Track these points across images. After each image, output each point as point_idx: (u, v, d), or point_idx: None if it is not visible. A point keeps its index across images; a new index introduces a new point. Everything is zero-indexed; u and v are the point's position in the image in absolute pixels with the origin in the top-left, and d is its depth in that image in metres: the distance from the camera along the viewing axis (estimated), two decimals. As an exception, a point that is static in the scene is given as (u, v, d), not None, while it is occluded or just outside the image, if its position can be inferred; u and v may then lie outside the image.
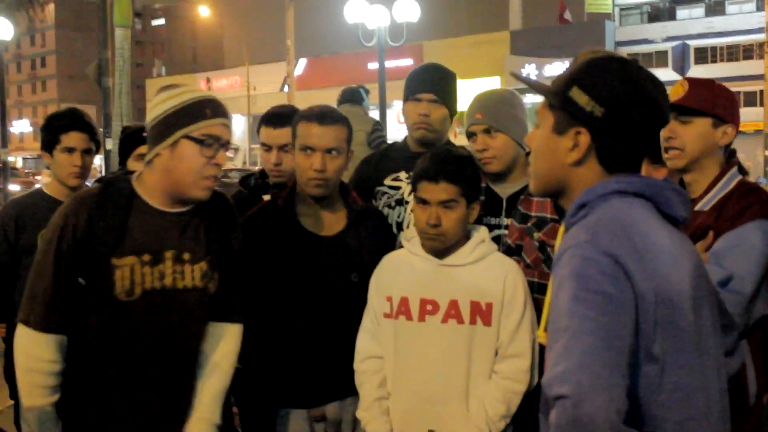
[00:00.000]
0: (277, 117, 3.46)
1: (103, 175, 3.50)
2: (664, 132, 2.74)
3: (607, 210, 1.61)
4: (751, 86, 37.78)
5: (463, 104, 3.37)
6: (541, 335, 1.78)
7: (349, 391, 2.84)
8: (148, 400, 2.39)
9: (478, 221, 2.89)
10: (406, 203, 3.27)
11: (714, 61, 43.48)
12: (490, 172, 3.03)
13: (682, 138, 2.74)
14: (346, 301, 2.85)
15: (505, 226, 3.00)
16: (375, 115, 6.84)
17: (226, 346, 2.59)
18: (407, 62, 41.46)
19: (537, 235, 2.91)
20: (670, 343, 1.53)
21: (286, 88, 26.85)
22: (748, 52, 42.60)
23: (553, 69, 38.25)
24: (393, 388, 2.73)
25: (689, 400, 1.56)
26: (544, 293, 2.80)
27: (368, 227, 2.96)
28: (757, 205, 2.61)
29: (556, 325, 1.51)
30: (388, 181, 3.38)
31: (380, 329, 2.75)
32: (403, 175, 3.33)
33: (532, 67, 41.48)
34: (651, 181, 1.68)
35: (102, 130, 12.23)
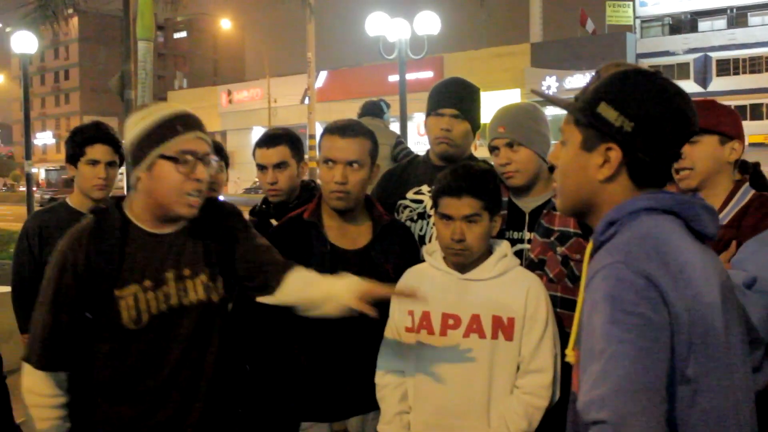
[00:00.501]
0: (269, 137, 3.58)
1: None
2: None
3: (637, 228, 1.59)
4: (774, 98, 37.51)
5: (484, 117, 3.37)
6: (570, 354, 1.76)
7: (371, 406, 2.83)
8: (173, 419, 2.39)
9: (501, 235, 2.88)
10: (429, 217, 3.26)
11: (736, 73, 43.23)
12: (513, 186, 3.02)
13: (692, 158, 2.77)
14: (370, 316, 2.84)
15: (528, 241, 2.98)
16: (395, 127, 6.82)
17: (299, 276, 2.55)
18: (428, 74, 41.60)
19: (560, 250, 2.89)
20: (702, 363, 1.51)
21: (307, 101, 26.95)
22: (770, 64, 42.31)
23: (574, 81, 38.25)
24: (414, 402, 2.72)
25: (721, 420, 1.54)
26: (567, 308, 2.80)
27: (393, 241, 2.96)
28: None
29: (591, 347, 1.49)
30: (410, 195, 3.38)
31: (401, 343, 2.75)
32: (425, 189, 3.33)
33: (553, 80, 41.47)
34: (681, 198, 1.66)
35: (124, 142, 12.34)
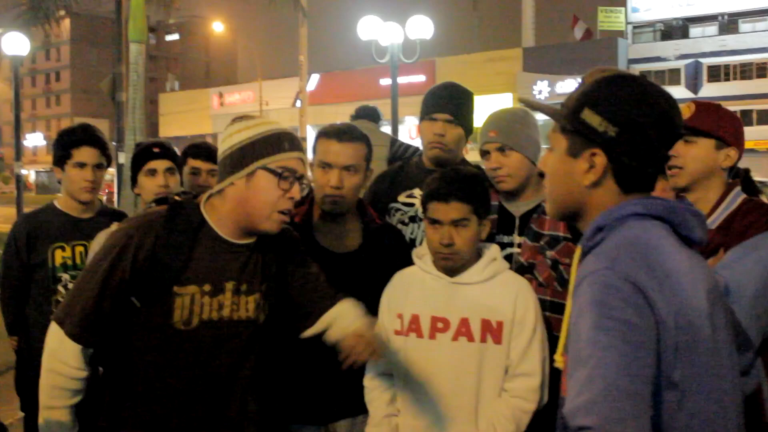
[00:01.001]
0: None
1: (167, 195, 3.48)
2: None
3: (625, 234, 1.60)
4: (764, 104, 37.78)
5: (476, 121, 3.37)
6: (558, 359, 1.76)
7: (360, 409, 2.82)
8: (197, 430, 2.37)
9: (491, 239, 2.89)
10: (420, 220, 3.27)
11: (727, 80, 43.41)
12: (504, 190, 3.02)
13: (684, 157, 2.77)
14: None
15: (518, 245, 2.98)
16: (387, 131, 6.81)
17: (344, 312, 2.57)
18: (420, 78, 41.65)
19: (550, 254, 2.90)
20: (689, 368, 1.51)
21: (299, 104, 26.95)
22: (761, 71, 42.52)
23: (566, 86, 38.36)
24: (402, 405, 2.72)
25: (708, 425, 1.54)
26: (556, 312, 2.81)
27: (384, 245, 2.96)
28: (763, 219, 2.64)
29: (578, 353, 1.49)
30: (402, 198, 3.38)
31: (390, 346, 2.74)
32: (417, 192, 3.33)
33: (545, 84, 41.56)
34: (669, 204, 1.66)
35: (115, 144, 12.32)
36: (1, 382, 2.25)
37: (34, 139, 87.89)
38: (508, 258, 2.91)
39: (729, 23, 46.61)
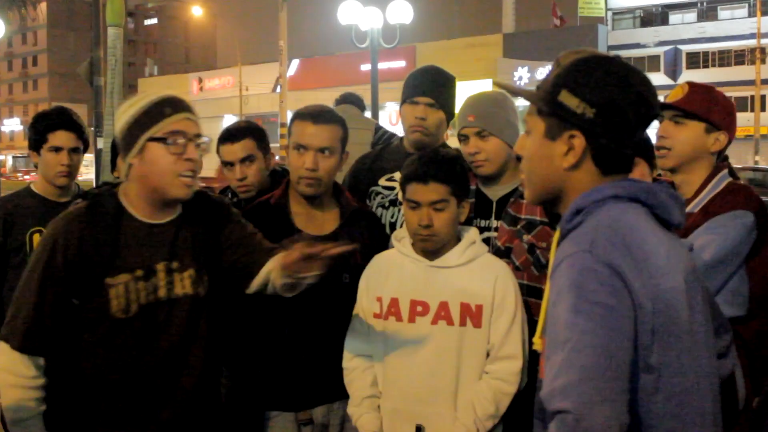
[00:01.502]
0: (233, 132, 3.50)
1: (81, 189, 3.43)
2: (658, 131, 2.76)
3: (603, 217, 1.60)
4: (742, 92, 37.99)
5: (458, 106, 3.37)
6: (537, 342, 1.76)
7: (337, 395, 2.82)
8: (156, 412, 2.37)
9: (468, 223, 2.89)
10: (400, 204, 3.26)
11: (706, 66, 43.68)
12: (482, 174, 3.02)
13: (673, 138, 2.77)
14: (336, 302, 2.84)
15: (495, 229, 2.99)
16: (367, 116, 6.77)
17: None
18: (400, 64, 41.56)
19: (526, 238, 2.90)
20: (666, 352, 1.52)
21: (279, 89, 26.81)
22: (739, 58, 42.83)
23: (546, 72, 38.24)
24: (383, 388, 2.73)
25: (684, 407, 1.55)
26: (533, 295, 2.82)
27: (361, 228, 2.95)
28: (742, 198, 2.66)
29: (555, 336, 1.49)
30: (382, 182, 3.37)
31: (369, 329, 2.75)
32: (397, 176, 3.31)
33: (525, 71, 41.56)
34: (647, 186, 1.67)
35: (93, 129, 12.20)
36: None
37: (11, 125, 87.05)
38: (486, 242, 2.91)
39: (708, 10, 46.89)
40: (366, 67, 29.08)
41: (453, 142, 3.58)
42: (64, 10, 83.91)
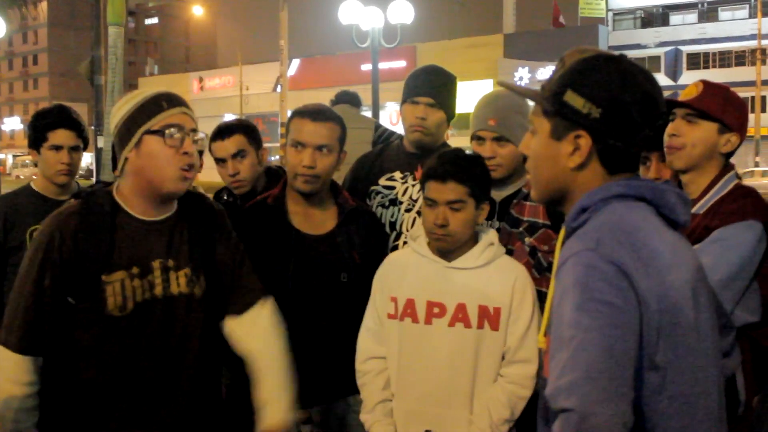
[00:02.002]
0: (223, 129, 3.56)
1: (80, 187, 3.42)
2: (670, 129, 2.72)
3: (608, 215, 1.59)
4: (742, 93, 37.71)
5: (458, 106, 3.36)
6: (541, 340, 1.76)
7: (335, 394, 2.82)
8: (154, 412, 2.35)
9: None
10: (400, 203, 3.26)
11: (706, 67, 43.68)
12: (492, 177, 3.01)
13: (685, 138, 2.71)
14: (335, 302, 2.83)
15: (497, 230, 2.98)
16: (365, 113, 6.73)
17: (261, 328, 2.53)
18: (400, 64, 41.59)
19: (528, 240, 2.89)
20: (671, 350, 1.52)
21: (279, 89, 26.81)
22: (740, 59, 42.84)
23: (546, 72, 38.39)
24: (396, 390, 2.70)
25: (689, 407, 1.54)
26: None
27: (359, 227, 2.94)
28: (749, 207, 2.60)
29: (560, 334, 1.49)
30: (382, 181, 3.36)
31: (383, 329, 2.73)
32: (397, 175, 3.32)
33: (525, 71, 41.61)
34: (653, 185, 1.66)
35: (93, 128, 12.19)
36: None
37: (12, 123, 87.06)
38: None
39: (709, 11, 46.87)
40: (366, 67, 29.10)
41: (453, 142, 3.57)
42: (64, 9, 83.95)
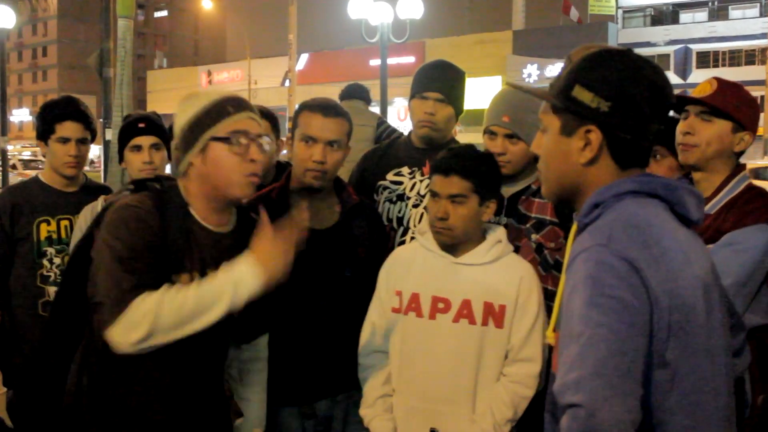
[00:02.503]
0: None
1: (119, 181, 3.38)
2: (683, 126, 2.70)
3: (621, 211, 1.59)
4: (752, 92, 37.65)
5: (466, 103, 3.35)
6: (550, 335, 1.76)
7: (340, 388, 2.82)
8: (196, 413, 2.37)
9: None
10: (408, 199, 3.25)
11: (716, 66, 43.49)
12: (502, 174, 3.01)
13: (700, 135, 2.69)
14: (338, 296, 2.83)
15: (504, 226, 2.97)
16: (373, 109, 6.72)
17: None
18: (409, 59, 41.54)
19: (534, 237, 2.89)
20: (681, 348, 1.51)
21: (287, 83, 26.81)
22: (750, 58, 42.65)
23: (555, 69, 38.19)
24: (397, 385, 2.70)
25: (698, 405, 1.54)
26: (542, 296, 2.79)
27: (363, 222, 2.95)
28: (762, 209, 2.58)
29: (570, 329, 1.48)
30: (390, 176, 3.35)
31: (387, 324, 2.72)
32: (405, 171, 3.31)
33: (534, 68, 41.53)
34: (666, 182, 1.66)
35: (102, 120, 12.22)
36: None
37: (21, 115, 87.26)
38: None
39: (719, 9, 46.69)
40: (375, 62, 29.04)
41: (461, 138, 3.56)
42: (74, 1, 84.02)
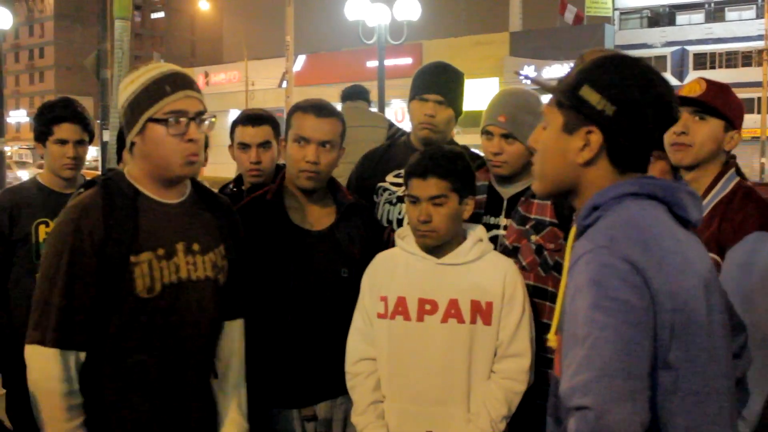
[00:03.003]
0: (254, 117, 3.54)
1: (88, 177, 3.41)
2: (677, 126, 2.71)
3: (621, 213, 1.59)
4: (749, 93, 37.82)
5: (464, 104, 3.35)
6: (552, 339, 1.76)
7: (340, 390, 2.81)
8: (172, 403, 2.34)
9: (477, 220, 2.89)
10: (408, 200, 3.25)
11: (713, 68, 43.54)
12: (498, 174, 3.01)
13: (695, 135, 2.69)
14: (336, 297, 2.83)
15: (504, 227, 2.98)
16: (374, 110, 6.66)
17: (233, 343, 2.57)
18: (406, 61, 41.50)
19: (534, 238, 2.89)
20: (684, 349, 1.52)
21: (285, 84, 26.78)
22: (746, 59, 42.70)
23: (552, 71, 38.32)
24: (388, 390, 2.69)
25: (700, 406, 1.55)
26: (539, 296, 2.81)
27: (357, 222, 2.94)
28: (756, 215, 2.58)
29: (574, 332, 1.48)
30: (390, 178, 3.36)
31: (373, 330, 2.72)
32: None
33: (531, 69, 41.42)
34: (665, 183, 1.67)
35: (99, 122, 12.21)
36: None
37: (18, 116, 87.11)
38: (493, 240, 2.90)
39: (716, 11, 46.76)
40: (372, 64, 29.03)
41: (460, 139, 3.57)
42: (71, 2, 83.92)
